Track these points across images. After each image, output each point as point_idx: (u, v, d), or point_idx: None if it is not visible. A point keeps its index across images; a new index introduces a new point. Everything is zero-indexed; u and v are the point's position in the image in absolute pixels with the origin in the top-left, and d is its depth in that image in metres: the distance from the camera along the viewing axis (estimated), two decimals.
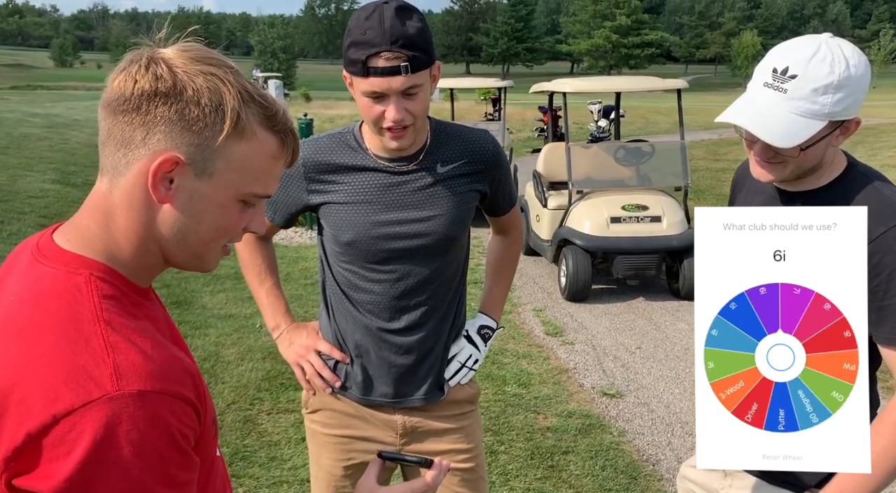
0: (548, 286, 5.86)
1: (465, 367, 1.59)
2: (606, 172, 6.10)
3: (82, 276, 0.72)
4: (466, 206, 1.51)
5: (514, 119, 20.33)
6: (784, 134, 1.14)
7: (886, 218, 1.18)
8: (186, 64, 0.73)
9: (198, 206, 0.76)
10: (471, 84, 11.05)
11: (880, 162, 12.73)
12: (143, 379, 0.65)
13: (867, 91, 1.20)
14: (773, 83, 1.15)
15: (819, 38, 1.17)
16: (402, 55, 1.30)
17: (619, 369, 4.20)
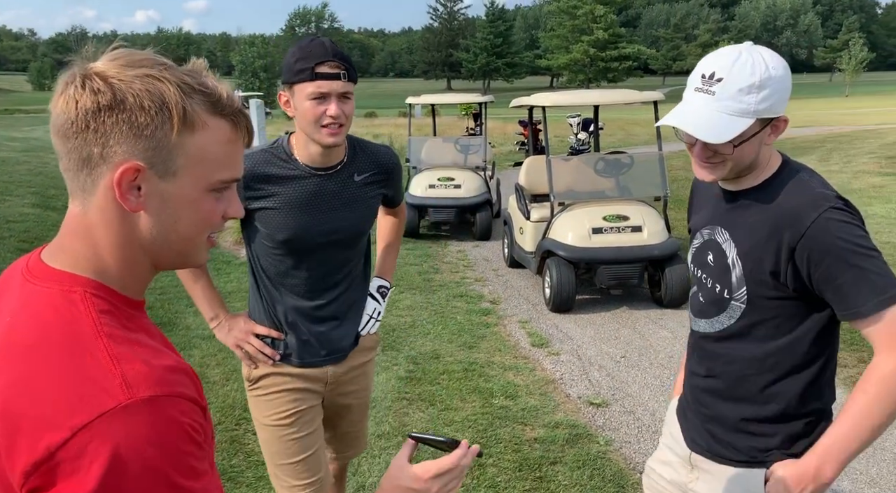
0: (532, 298, 5.90)
1: (371, 318, 1.99)
2: (587, 184, 6.17)
3: (77, 293, 0.74)
4: (375, 207, 1.91)
5: (495, 133, 20.47)
6: (716, 131, 1.24)
7: (816, 206, 1.26)
8: (120, 72, 0.73)
9: (171, 206, 0.77)
10: (451, 99, 11.15)
11: (855, 168, 12.97)
12: (150, 385, 0.68)
13: (789, 91, 1.29)
14: (703, 88, 1.26)
15: (741, 47, 1.28)
16: (341, 65, 1.66)
17: (605, 379, 4.23)
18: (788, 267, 1.29)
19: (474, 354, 4.59)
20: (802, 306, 1.32)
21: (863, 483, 3.04)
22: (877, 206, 9.36)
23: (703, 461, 1.49)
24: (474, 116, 15.11)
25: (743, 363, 1.39)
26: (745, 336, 1.38)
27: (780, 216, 1.29)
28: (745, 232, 1.35)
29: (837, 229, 1.24)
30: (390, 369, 4.28)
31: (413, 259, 7.24)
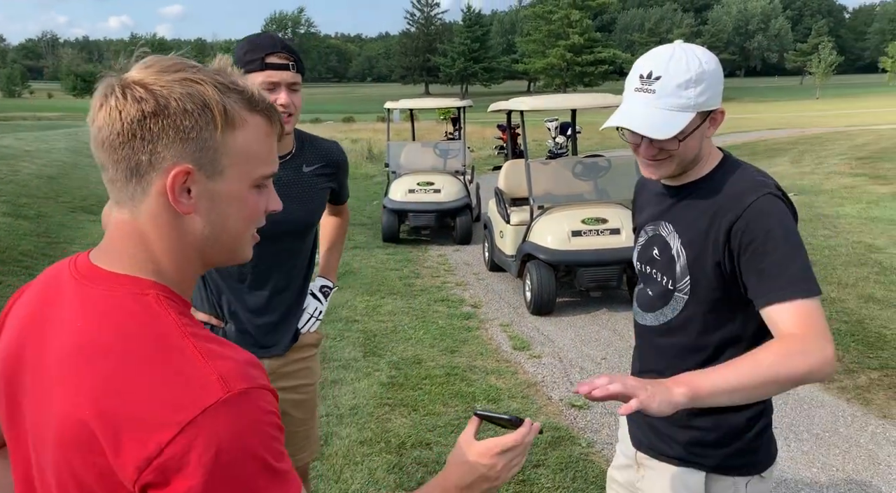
0: (513, 301, 5.91)
1: (313, 317, 1.99)
2: (566, 187, 6.21)
3: (150, 295, 0.76)
4: (323, 199, 1.93)
5: (474, 137, 20.53)
6: (661, 128, 1.28)
7: (754, 191, 1.30)
8: (158, 78, 0.74)
9: (220, 205, 0.79)
10: (429, 104, 11.16)
11: (827, 169, 13.24)
12: (242, 379, 0.71)
13: (722, 82, 1.34)
14: (643, 87, 1.30)
15: (673, 45, 1.33)
16: (290, 57, 1.73)
17: None
18: (725, 249, 1.31)
19: (456, 358, 4.59)
20: (738, 299, 1.32)
21: (838, 479, 3.09)
22: (848, 206, 9.55)
23: (646, 458, 1.50)
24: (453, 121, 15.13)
25: (683, 356, 1.40)
26: (685, 329, 1.39)
27: (721, 203, 1.33)
28: (689, 222, 1.38)
29: (772, 213, 1.27)
30: (372, 374, 4.27)
31: (394, 264, 7.23)
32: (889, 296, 5.59)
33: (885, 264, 6.53)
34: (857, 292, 5.71)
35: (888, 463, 3.21)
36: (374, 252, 7.72)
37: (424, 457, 3.25)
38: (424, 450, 3.32)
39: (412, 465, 3.19)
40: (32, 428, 0.78)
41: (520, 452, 1.02)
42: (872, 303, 5.43)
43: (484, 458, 0.99)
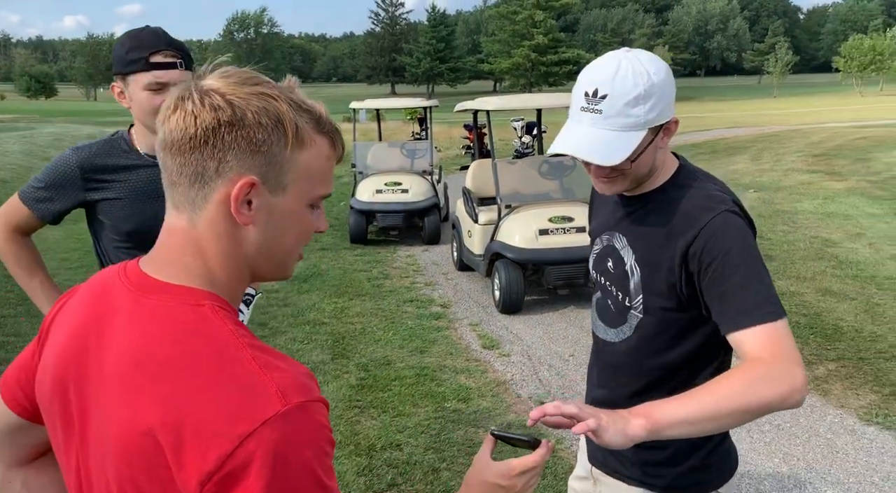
0: (482, 300, 5.94)
1: None
2: (532, 187, 6.26)
3: (206, 307, 0.77)
4: None
5: (441, 137, 20.54)
6: (611, 152, 1.20)
7: (710, 209, 1.24)
8: (236, 90, 0.75)
9: (278, 220, 0.80)
10: (395, 104, 11.13)
11: (785, 167, 13.58)
12: (299, 392, 0.71)
13: (674, 91, 1.26)
14: (589, 106, 1.21)
15: (618, 56, 1.23)
16: (177, 54, 1.64)
17: (555, 377, 4.29)
18: (682, 272, 1.25)
19: (426, 358, 4.59)
20: (696, 318, 1.28)
21: (799, 468, 3.18)
22: (805, 202, 9.82)
23: (601, 475, 1.47)
24: (419, 121, 15.13)
25: (641, 374, 1.36)
26: (641, 347, 1.35)
27: (676, 221, 1.27)
28: (643, 238, 1.33)
29: (730, 232, 1.21)
30: (341, 377, 4.24)
31: (362, 265, 7.19)
32: (845, 289, 5.76)
33: (840, 258, 6.74)
34: (815, 286, 5.87)
35: (845, 451, 3.31)
36: (341, 254, 7.67)
37: (395, 458, 3.24)
38: (395, 451, 3.31)
39: (382, 467, 3.17)
40: (90, 439, 0.78)
41: (537, 472, 1.02)
42: (829, 296, 5.59)
43: (504, 479, 1.00)
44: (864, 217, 8.66)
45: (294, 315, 5.47)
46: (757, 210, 9.29)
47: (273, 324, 5.25)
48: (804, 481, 3.07)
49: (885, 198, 9.85)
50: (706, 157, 15.84)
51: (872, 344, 4.54)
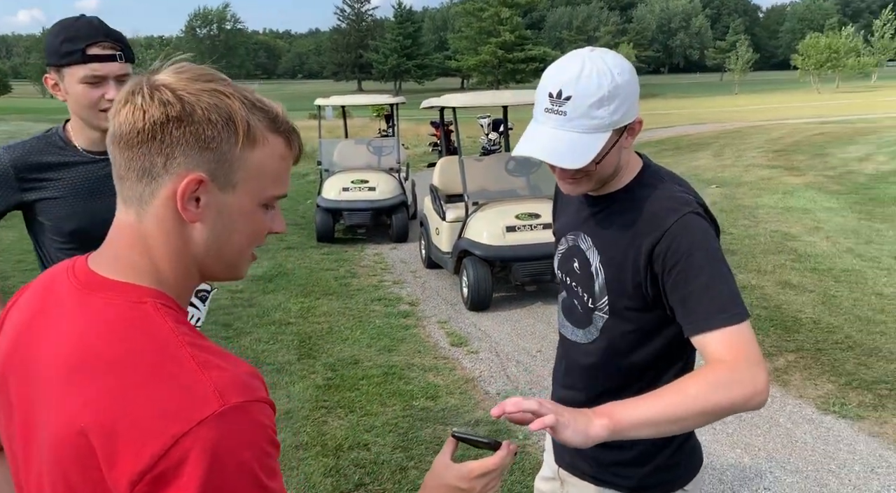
0: (451, 298, 5.93)
1: None
2: (499, 184, 6.28)
3: (149, 304, 0.76)
4: None
5: (409, 134, 20.49)
6: (576, 155, 1.20)
7: (675, 210, 1.24)
8: (187, 85, 0.75)
9: (227, 218, 0.79)
10: (361, 101, 11.04)
11: (746, 162, 13.88)
12: (239, 392, 0.70)
13: (638, 92, 1.25)
14: (553, 108, 1.20)
15: (582, 55, 1.21)
16: (116, 46, 1.56)
17: (522, 373, 4.31)
18: (648, 273, 1.25)
19: (394, 357, 4.57)
20: (661, 319, 1.29)
21: (760, 458, 3.25)
22: (766, 197, 10.05)
23: (567, 475, 1.46)
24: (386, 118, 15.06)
25: (606, 375, 1.37)
26: (607, 348, 1.35)
27: (641, 222, 1.27)
28: (608, 239, 1.32)
29: (694, 234, 1.21)
30: (307, 377, 4.19)
31: (329, 264, 7.12)
32: (804, 282, 5.91)
33: (800, 252, 6.91)
34: (775, 279, 6.01)
35: (804, 441, 3.39)
36: (308, 252, 7.59)
37: (362, 458, 3.22)
38: (362, 451, 3.29)
39: (349, 467, 3.15)
40: (30, 437, 0.77)
41: (497, 475, 1.02)
42: (789, 289, 5.73)
43: (463, 482, 0.99)
44: (822, 211, 8.90)
45: (259, 315, 5.40)
46: (719, 205, 9.47)
47: (238, 325, 5.17)
48: (765, 470, 3.14)
49: (841, 192, 10.14)
50: (670, 153, 16.10)
51: (829, 335, 4.67)
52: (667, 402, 1.10)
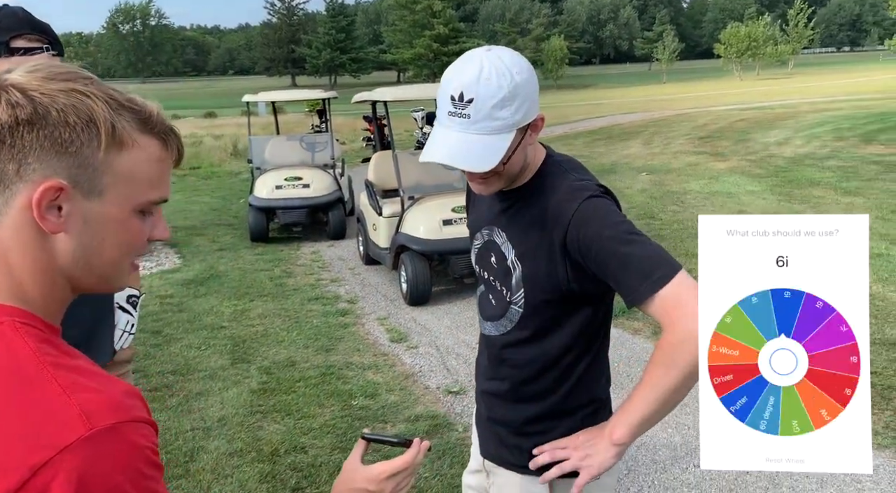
0: (390, 294, 5.90)
1: (125, 332, 1.79)
2: (435, 177, 6.26)
3: (5, 323, 0.70)
4: None
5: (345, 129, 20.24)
6: (483, 158, 1.21)
7: (576, 196, 1.27)
8: (41, 85, 0.69)
9: (95, 227, 0.73)
10: (291, 96, 10.82)
11: (674, 149, 14.34)
12: (110, 413, 0.65)
13: (538, 90, 1.27)
14: (456, 111, 1.21)
15: (479, 55, 1.22)
16: (42, 38, 1.45)
17: (462, 366, 4.32)
18: (567, 264, 1.28)
19: (332, 356, 4.50)
20: (575, 306, 1.33)
21: (691, 437, 3.36)
22: (693, 182, 10.41)
23: (493, 467, 1.48)
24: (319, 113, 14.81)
25: (524, 366, 1.40)
26: (525, 340, 1.38)
27: (548, 213, 1.30)
28: (520, 233, 1.35)
29: (595, 217, 1.25)
30: (241, 382, 4.08)
31: (263, 265, 6.96)
32: None
33: None
34: None
35: None
36: (241, 253, 7.40)
37: (299, 462, 3.15)
38: (299, 455, 3.22)
39: (286, 472, 3.08)
40: None
41: (408, 474, 1.00)
42: None
43: (372, 484, 0.97)
44: (745, 194, 9.28)
45: (190, 321, 5.22)
46: (649, 192, 9.75)
47: (167, 331, 4.98)
48: (694, 448, 3.25)
49: (763, 176, 10.60)
50: (603, 143, 16.48)
51: None
52: (646, 397, 1.22)
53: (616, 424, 1.25)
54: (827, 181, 9.77)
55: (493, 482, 1.49)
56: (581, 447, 1.30)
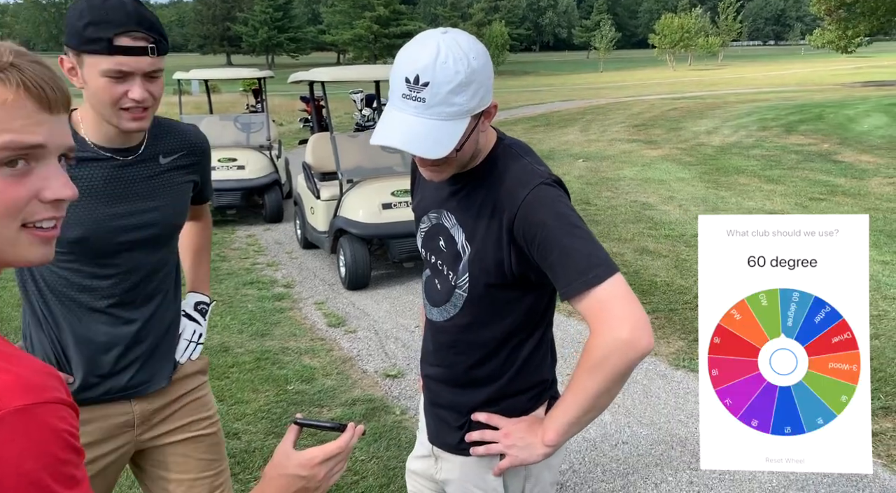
0: (328, 278, 5.84)
1: (192, 342, 1.69)
2: (374, 160, 6.21)
3: None
4: (187, 195, 1.61)
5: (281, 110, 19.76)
6: (437, 144, 1.18)
7: (528, 182, 1.26)
8: None
9: None
10: (225, 75, 10.47)
11: (610, 137, 14.67)
12: (21, 394, 0.61)
13: (493, 76, 1.25)
14: (411, 94, 1.17)
15: (436, 38, 1.18)
16: (148, 37, 1.34)
17: (401, 350, 4.34)
18: (511, 250, 1.27)
19: (267, 341, 4.43)
20: (520, 292, 1.33)
21: (620, 414, 3.49)
22: (626, 169, 10.69)
23: (441, 452, 1.47)
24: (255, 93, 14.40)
25: (468, 351, 1.39)
26: (468, 324, 1.37)
27: (499, 197, 1.28)
28: (470, 217, 1.33)
29: (544, 205, 1.23)
30: None
31: None
32: (659, 248, 6.37)
33: (656, 220, 7.43)
34: (634, 246, 6.44)
35: (657, 395, 3.68)
36: None
37: (232, 447, 3.10)
38: (232, 440, 3.17)
39: None
40: None
41: (341, 458, 0.99)
42: (646, 255, 6.16)
43: (304, 469, 0.96)
44: (675, 181, 9.61)
45: None
46: (585, 178, 9.96)
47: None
48: (623, 425, 3.38)
49: (693, 163, 10.99)
50: (542, 129, 16.69)
51: (681, 296, 5.07)
52: (573, 402, 1.24)
53: (547, 427, 1.28)
54: (752, 170, 10.22)
55: (441, 467, 1.48)
56: (513, 435, 1.32)
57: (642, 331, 1.17)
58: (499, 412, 1.39)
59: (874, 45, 51.83)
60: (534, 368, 1.41)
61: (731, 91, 28.13)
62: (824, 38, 33.00)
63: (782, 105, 19.87)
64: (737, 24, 75.02)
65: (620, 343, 1.16)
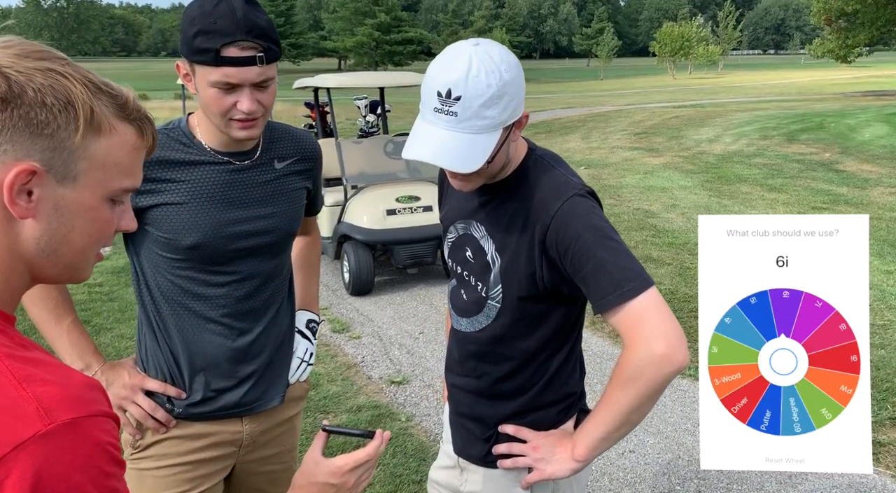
0: (332, 284, 5.84)
1: (303, 362, 1.62)
2: (378, 166, 6.22)
3: None
4: (301, 201, 1.54)
5: (284, 116, 19.79)
6: (469, 158, 1.18)
7: (561, 194, 1.25)
8: (16, 62, 0.66)
9: (66, 214, 0.70)
10: None
11: (611, 144, 14.70)
12: (70, 407, 0.62)
13: (524, 86, 1.24)
14: (443, 108, 1.17)
15: (468, 51, 1.17)
16: (257, 46, 1.29)
17: (405, 356, 4.33)
18: (543, 262, 1.26)
19: None
20: (552, 304, 1.32)
21: None
22: (628, 177, 10.71)
23: (467, 463, 1.45)
24: None
25: (499, 363, 1.38)
26: (500, 336, 1.35)
27: (531, 209, 1.27)
28: (501, 227, 1.31)
29: (578, 217, 1.22)
30: None
31: None
32: (663, 256, 6.38)
33: (658, 228, 7.44)
34: (638, 254, 6.43)
35: (664, 404, 3.67)
36: None
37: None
38: None
39: None
40: None
41: (370, 465, 1.00)
42: (650, 262, 6.16)
43: (335, 477, 0.97)
44: (678, 189, 9.63)
45: (121, 310, 5.03)
46: None
47: (97, 321, 4.78)
48: (630, 435, 3.37)
49: (695, 171, 11.01)
50: (543, 136, 16.72)
51: (685, 304, 5.07)
52: (605, 417, 1.22)
53: (578, 441, 1.26)
54: (754, 178, 10.23)
55: (467, 478, 1.46)
56: (542, 448, 1.31)
57: (678, 346, 1.15)
58: (527, 425, 1.38)
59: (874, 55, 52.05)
60: (563, 380, 1.40)
61: (731, 99, 28.21)
62: (824, 47, 33.10)
63: (783, 114, 19.92)
64: (737, 33, 75.36)
65: (656, 357, 1.15)
